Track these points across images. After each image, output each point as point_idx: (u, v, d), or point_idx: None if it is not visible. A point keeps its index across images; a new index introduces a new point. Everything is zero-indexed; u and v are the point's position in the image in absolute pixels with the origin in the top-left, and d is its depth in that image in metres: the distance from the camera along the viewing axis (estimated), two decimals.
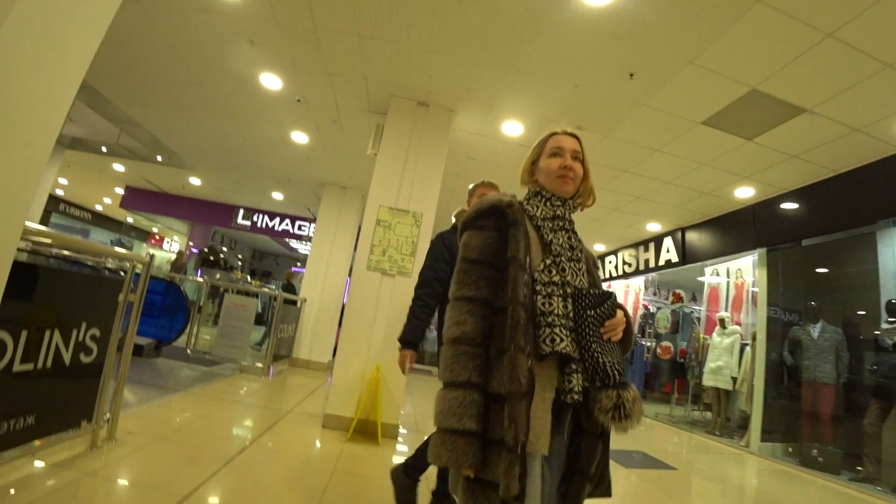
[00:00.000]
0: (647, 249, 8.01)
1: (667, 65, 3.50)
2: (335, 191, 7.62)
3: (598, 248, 9.34)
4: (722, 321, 6.50)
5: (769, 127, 4.19)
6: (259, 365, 5.99)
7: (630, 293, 9.36)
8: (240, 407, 4.18)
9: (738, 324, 6.64)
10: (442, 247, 2.45)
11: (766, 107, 3.88)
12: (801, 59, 3.27)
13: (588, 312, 1.13)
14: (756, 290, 6.07)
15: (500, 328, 1.07)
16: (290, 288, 9.41)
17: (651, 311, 8.85)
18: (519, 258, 1.10)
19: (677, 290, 8.34)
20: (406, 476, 2.33)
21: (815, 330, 5.22)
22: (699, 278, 7.79)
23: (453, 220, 2.62)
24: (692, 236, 7.00)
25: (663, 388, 8.20)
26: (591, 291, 1.16)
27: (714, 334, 6.57)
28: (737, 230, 6.15)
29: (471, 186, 2.56)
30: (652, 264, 7.74)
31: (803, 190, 5.23)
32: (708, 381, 6.41)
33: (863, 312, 5.33)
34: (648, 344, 8.25)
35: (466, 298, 1.11)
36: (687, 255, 7.09)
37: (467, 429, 0.99)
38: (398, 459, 3.53)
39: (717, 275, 7.19)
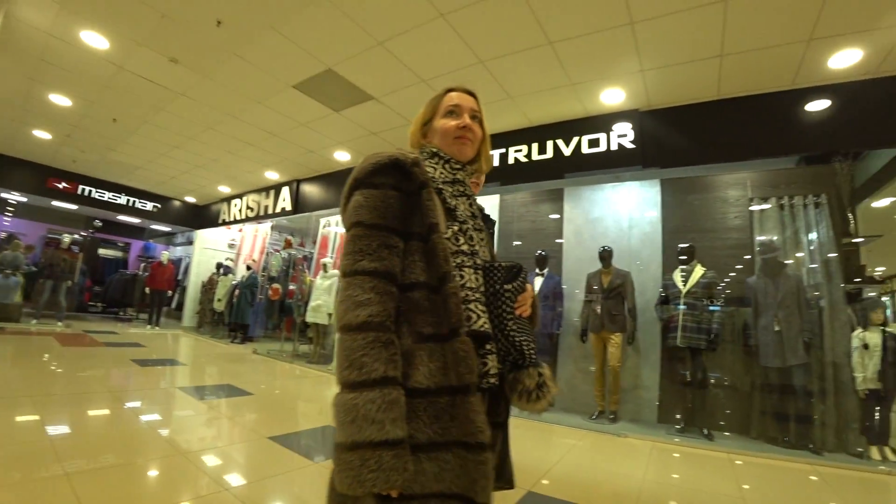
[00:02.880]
0: (268, 196, 8.41)
1: (251, 23, 3.67)
2: None
3: (224, 189, 9.22)
4: (325, 266, 7.46)
5: (351, 104, 4.97)
6: None
7: (259, 237, 9.63)
8: None
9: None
10: None
11: (343, 87, 4.58)
12: (363, 54, 3.97)
13: (505, 287, 1.04)
14: None
15: (414, 309, 0.94)
16: None
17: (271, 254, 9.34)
18: (440, 226, 0.97)
19: (288, 237, 9.03)
20: None
21: None
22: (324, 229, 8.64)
23: None
24: (307, 188, 7.73)
25: (276, 328, 8.86)
26: (503, 265, 1.07)
27: (318, 277, 7.49)
28: (341, 187, 7.11)
29: None
30: (270, 211, 8.17)
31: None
32: (310, 317, 7.31)
33: None
34: (266, 286, 8.68)
35: (367, 272, 0.91)
36: (300, 204, 7.82)
37: (393, 437, 0.80)
38: None
39: (330, 225, 8.15)
